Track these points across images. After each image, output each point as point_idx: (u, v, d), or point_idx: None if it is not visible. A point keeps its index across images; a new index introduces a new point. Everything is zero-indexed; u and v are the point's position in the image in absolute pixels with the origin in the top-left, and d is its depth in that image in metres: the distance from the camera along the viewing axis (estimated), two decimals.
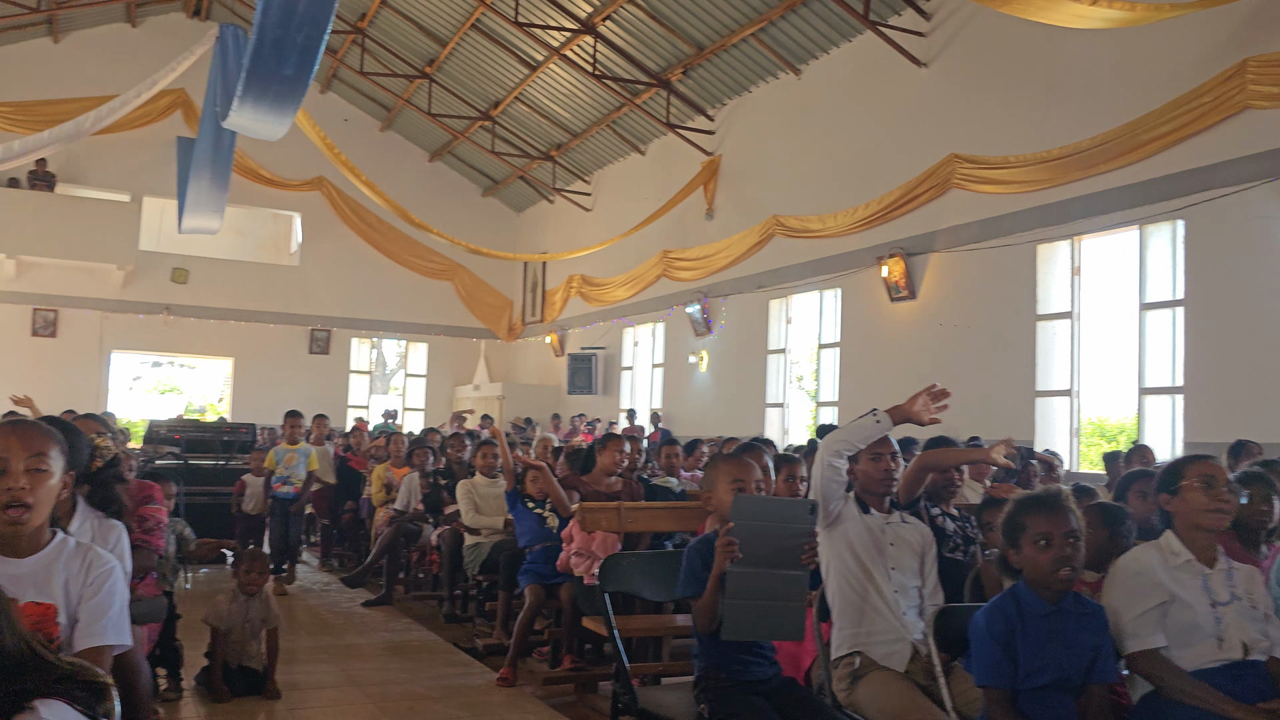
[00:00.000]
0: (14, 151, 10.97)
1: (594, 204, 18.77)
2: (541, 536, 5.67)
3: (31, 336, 17.85)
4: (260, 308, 19.51)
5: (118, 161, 17.85)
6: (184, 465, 9.33)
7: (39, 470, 2.25)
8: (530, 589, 5.48)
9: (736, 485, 2.96)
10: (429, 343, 21.62)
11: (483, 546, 6.46)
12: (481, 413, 18.80)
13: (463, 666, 5.73)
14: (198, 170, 11.73)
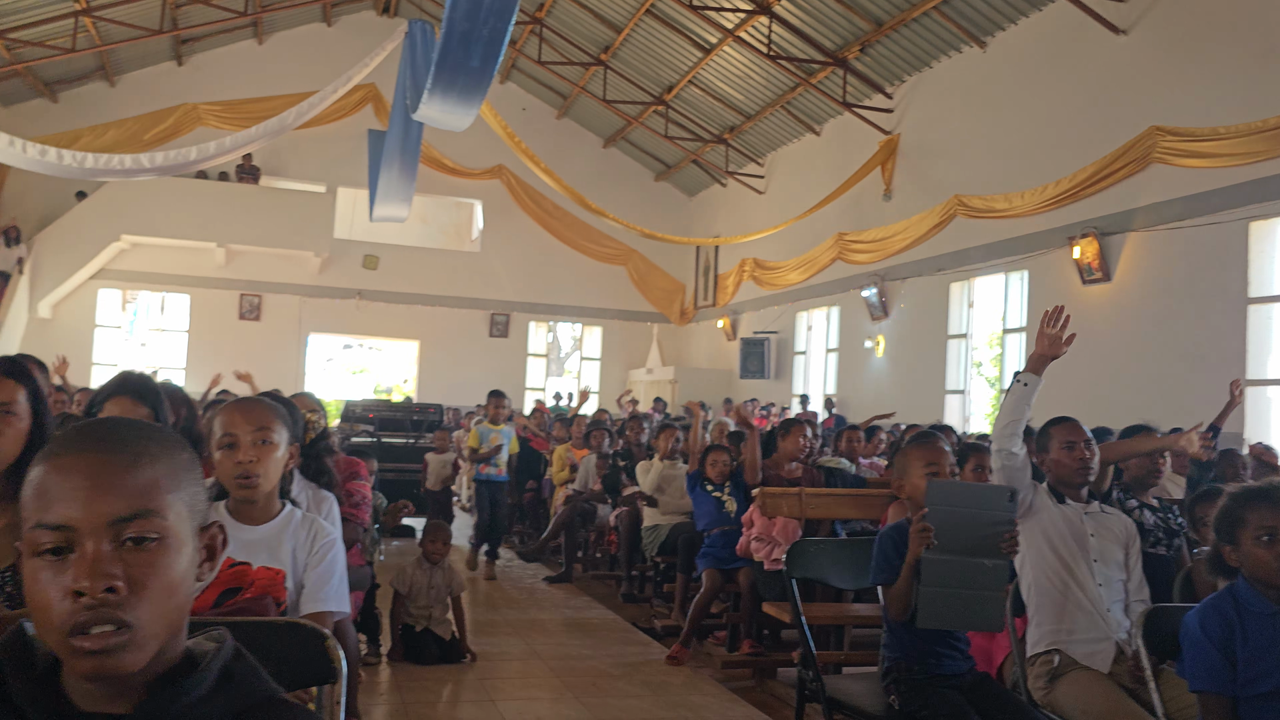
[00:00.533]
0: (225, 147, 11.77)
1: (767, 186, 18.62)
2: (720, 520, 5.68)
3: (239, 320, 19.16)
4: (444, 292, 20.29)
5: (315, 154, 18.89)
6: (377, 443, 9.82)
7: (266, 443, 2.41)
8: (708, 573, 5.51)
9: (930, 470, 2.89)
10: (603, 326, 21.99)
11: (661, 528, 6.53)
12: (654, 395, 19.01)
13: (641, 646, 5.82)
14: (388, 161, 12.28)
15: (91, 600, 0.98)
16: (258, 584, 2.43)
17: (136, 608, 1.00)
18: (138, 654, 1.01)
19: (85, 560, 0.99)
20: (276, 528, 2.48)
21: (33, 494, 1.03)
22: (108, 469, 1.02)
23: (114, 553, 1.01)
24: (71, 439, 1.05)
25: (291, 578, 2.45)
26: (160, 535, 1.03)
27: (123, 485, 1.02)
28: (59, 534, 1.00)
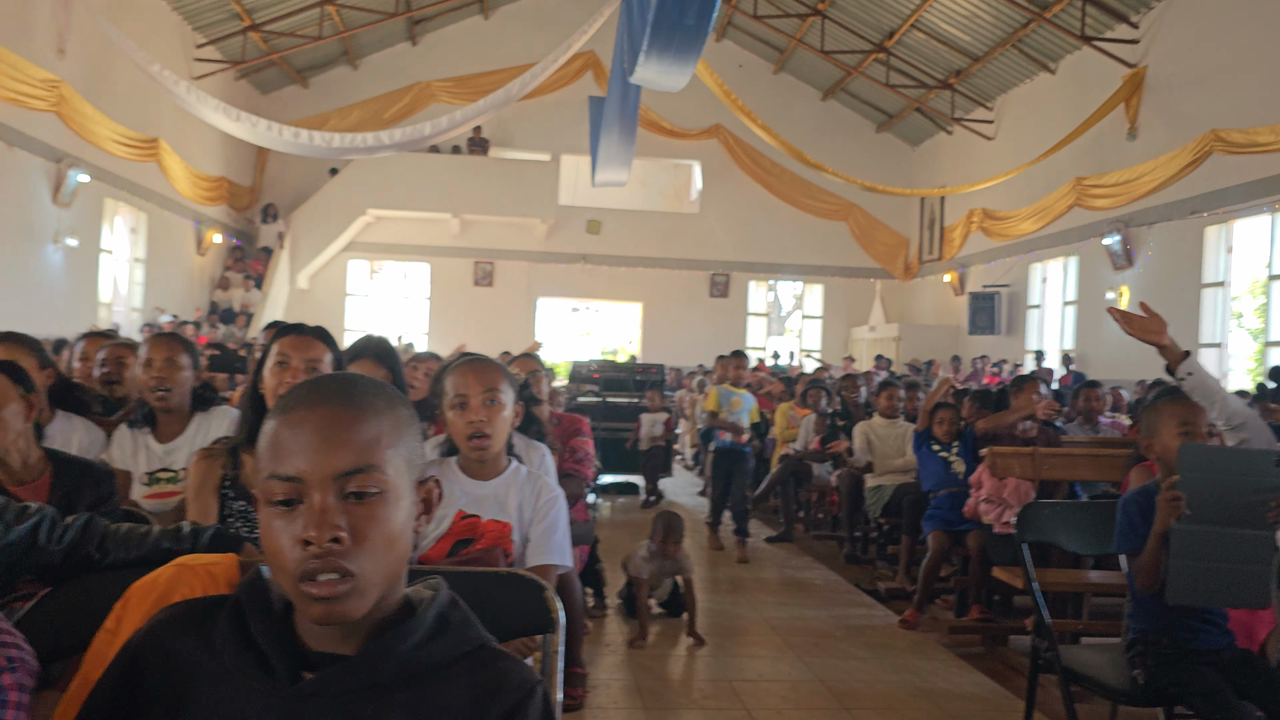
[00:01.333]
0: (455, 121, 12.33)
1: (997, 132, 17.65)
2: (947, 481, 5.47)
3: (473, 286, 20.14)
4: (664, 254, 20.52)
5: (539, 123, 19.48)
6: (602, 402, 10.08)
7: (494, 403, 2.51)
8: (934, 536, 5.33)
9: (1184, 431, 2.65)
10: (824, 284, 21.62)
11: (884, 489, 6.38)
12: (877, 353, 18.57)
13: (865, 608, 5.72)
14: (607, 126, 12.49)
15: (318, 549, 1.04)
16: (487, 536, 2.55)
17: (359, 558, 1.05)
18: (360, 601, 1.06)
19: (313, 511, 1.05)
20: (504, 483, 2.58)
21: (267, 445, 1.09)
22: (335, 424, 1.07)
23: (339, 504, 1.05)
24: (303, 395, 1.11)
25: (518, 531, 2.55)
26: (380, 489, 1.08)
27: (348, 440, 1.07)
28: (290, 485, 1.06)
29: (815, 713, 3.84)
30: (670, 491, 10.65)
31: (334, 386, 1.11)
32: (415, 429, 1.16)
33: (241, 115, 11.58)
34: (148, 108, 13.75)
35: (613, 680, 4.17)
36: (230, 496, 2.51)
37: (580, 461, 4.20)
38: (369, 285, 20.51)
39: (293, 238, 18.55)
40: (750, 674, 4.32)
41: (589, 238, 20.37)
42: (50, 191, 11.87)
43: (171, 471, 3.28)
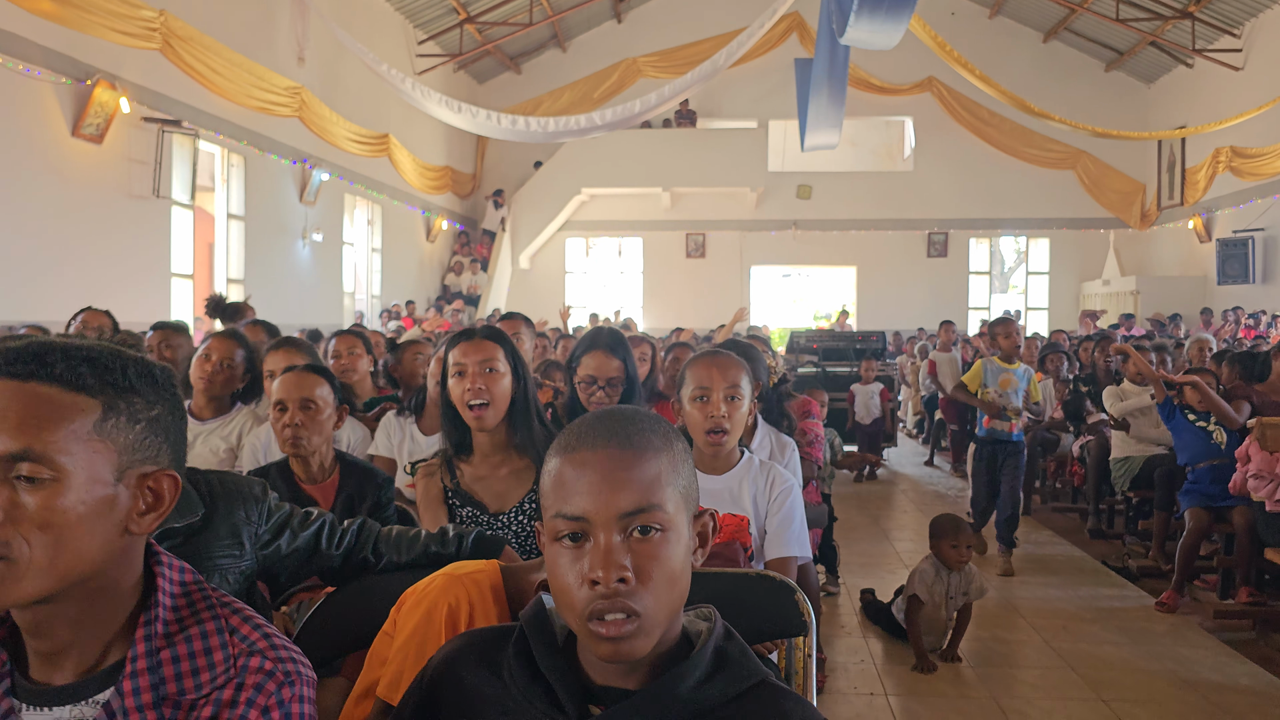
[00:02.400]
0: (664, 96, 12.41)
1: (1246, 61, 16.06)
2: (1207, 454, 5.09)
3: (685, 259, 20.31)
4: (878, 216, 19.96)
5: (745, 91, 19.32)
6: (822, 373, 9.97)
7: (734, 399, 2.52)
8: (1192, 512, 4.98)
9: None
10: (1050, 237, 20.43)
11: (1134, 461, 6.00)
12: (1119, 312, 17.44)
13: (1115, 588, 5.42)
14: (816, 89, 12.26)
15: (606, 589, 1.06)
16: (725, 530, 2.57)
17: (644, 596, 1.07)
18: (646, 640, 1.09)
19: (599, 551, 1.07)
20: (737, 475, 2.60)
21: (552, 484, 1.14)
22: (618, 465, 1.10)
23: (624, 544, 1.08)
24: (585, 434, 1.14)
25: (754, 524, 2.56)
26: (663, 527, 1.10)
27: (631, 480, 1.09)
28: (576, 524, 1.09)
29: (1069, 703, 3.68)
30: (895, 462, 10.44)
31: (615, 426, 1.14)
32: (690, 462, 1.18)
33: (462, 107, 12.10)
34: (377, 105, 14.60)
35: (850, 663, 4.14)
36: (456, 505, 2.58)
37: (811, 444, 4.17)
38: (585, 263, 21.04)
39: (513, 220, 19.28)
40: (996, 659, 4.19)
41: (800, 203, 20.09)
42: (297, 191, 12.83)
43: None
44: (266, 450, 3.40)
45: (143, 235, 9.69)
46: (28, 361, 1.03)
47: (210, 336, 3.79)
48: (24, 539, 0.99)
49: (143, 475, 1.08)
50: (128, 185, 9.43)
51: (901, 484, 9.28)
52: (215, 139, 10.92)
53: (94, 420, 1.04)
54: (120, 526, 1.06)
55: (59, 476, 1.00)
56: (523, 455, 2.58)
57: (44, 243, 8.31)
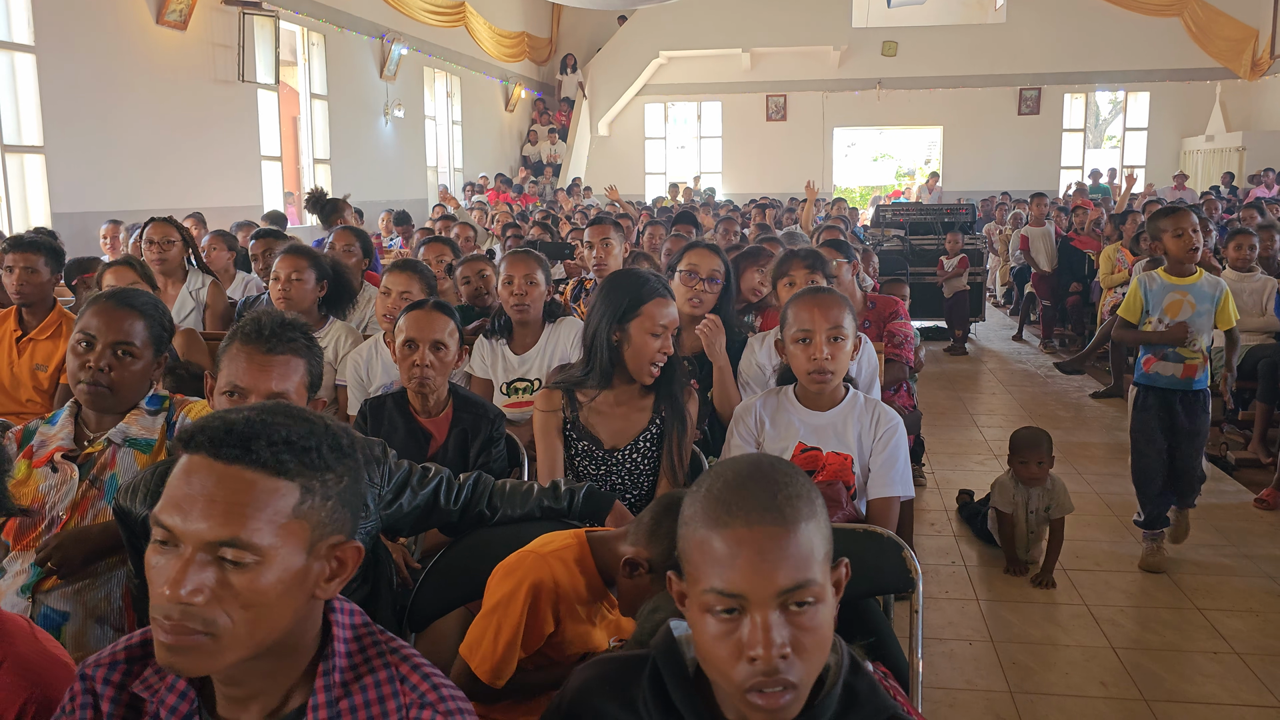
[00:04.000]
0: None
1: None
2: None
3: (766, 122, 19.83)
4: (966, 72, 19.12)
5: None
6: (909, 248, 9.80)
7: (837, 339, 2.54)
8: None
9: None
10: (1150, 90, 19.39)
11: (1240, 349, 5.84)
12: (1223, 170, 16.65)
13: (1212, 480, 5.33)
14: None
15: (766, 666, 1.09)
16: (829, 468, 2.63)
17: (799, 667, 1.11)
18: (799, 704, 1.13)
19: (758, 630, 1.09)
20: (842, 413, 2.63)
21: (701, 556, 1.14)
22: (775, 542, 1.11)
23: (781, 619, 1.10)
24: (737, 504, 1.13)
25: (858, 462, 2.61)
26: (816, 599, 1.12)
27: (788, 558, 1.10)
28: (732, 600, 1.11)
29: (1162, 612, 3.73)
30: (982, 336, 10.33)
31: (767, 496, 1.13)
32: (827, 514, 1.19)
33: None
34: None
35: (941, 566, 4.23)
36: (573, 438, 2.65)
37: (900, 346, 4.15)
38: (665, 128, 20.68)
39: (591, 86, 18.96)
40: (1087, 561, 4.24)
41: (885, 61, 19.31)
42: (377, 67, 12.77)
43: (528, 381, 3.59)
44: (368, 369, 3.50)
45: (230, 119, 9.80)
46: (234, 445, 1.09)
47: (278, 254, 3.83)
48: (228, 615, 1.07)
49: (331, 546, 1.15)
50: (212, 70, 9.49)
51: (989, 361, 9.20)
52: (295, 18, 10.85)
53: (293, 503, 1.10)
54: (309, 593, 1.14)
55: (261, 560, 1.08)
56: (645, 394, 2.65)
57: (136, 133, 8.47)
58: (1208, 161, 17.91)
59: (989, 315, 11.13)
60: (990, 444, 6.16)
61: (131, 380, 2.28)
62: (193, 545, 1.07)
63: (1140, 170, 19.65)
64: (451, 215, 9.02)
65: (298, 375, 2.04)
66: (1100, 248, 8.83)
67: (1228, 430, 6.24)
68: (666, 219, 8.60)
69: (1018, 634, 3.59)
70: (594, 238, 4.62)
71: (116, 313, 2.28)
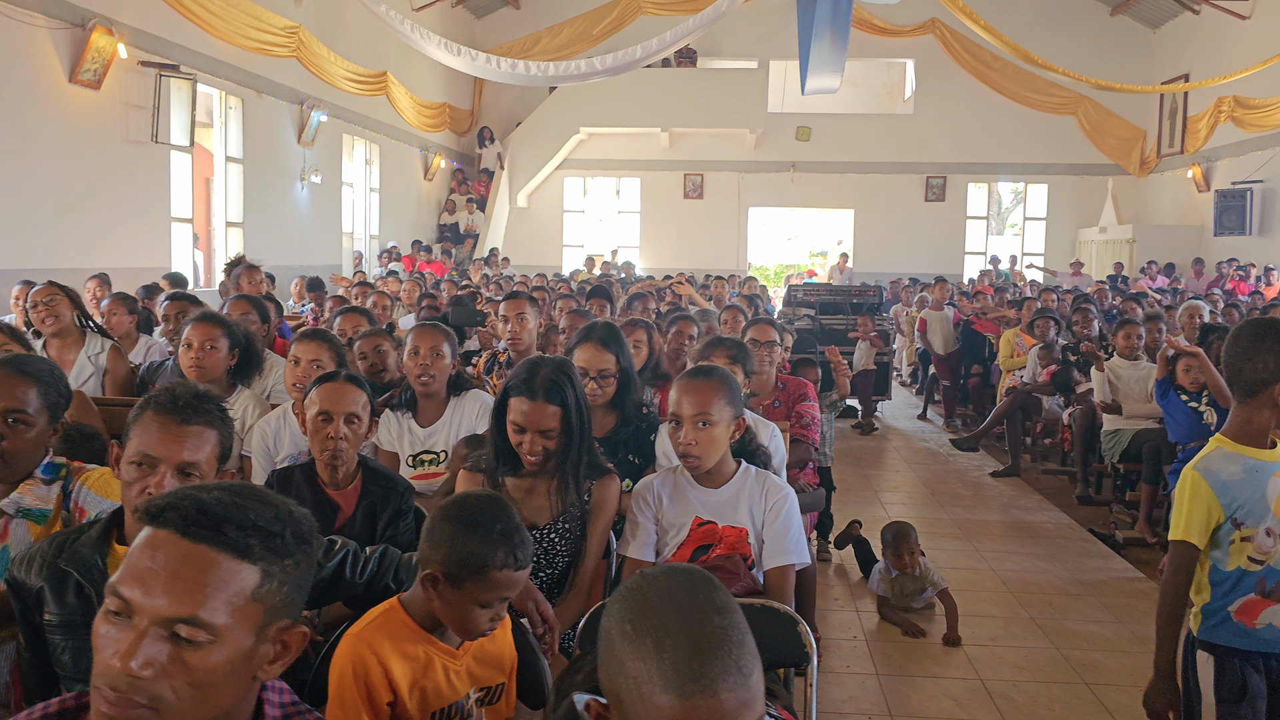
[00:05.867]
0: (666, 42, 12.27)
1: (1253, 10, 15.89)
2: (1198, 433, 5.19)
3: (683, 199, 20.26)
4: (876, 159, 19.87)
5: (746, 30, 19.06)
6: (819, 327, 10.05)
7: (705, 425, 2.57)
8: None
9: None
10: (1048, 182, 20.38)
11: (1123, 434, 6.13)
12: (1114, 259, 17.48)
13: (1101, 559, 5.59)
14: (818, 30, 12.12)
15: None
16: (725, 541, 2.70)
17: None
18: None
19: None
20: (734, 487, 2.70)
21: (638, 703, 1.13)
22: (739, 705, 1.12)
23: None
24: (700, 673, 1.11)
25: (753, 533, 2.67)
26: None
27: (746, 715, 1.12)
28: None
29: (1054, 687, 3.84)
30: (889, 415, 10.59)
31: (727, 660, 1.13)
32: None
33: (461, 50, 11.93)
34: (375, 43, 14.41)
35: (842, 640, 4.30)
36: None
37: (807, 427, 4.26)
38: (583, 202, 20.95)
39: (511, 158, 19.16)
40: (983, 638, 4.35)
41: (799, 145, 19.97)
42: (295, 132, 12.74)
43: (434, 453, 3.59)
44: (276, 439, 3.46)
45: (142, 180, 9.66)
46: (205, 526, 1.11)
47: (189, 320, 3.80)
48: (174, 691, 1.08)
49: (280, 629, 1.17)
50: (125, 130, 9.38)
51: (894, 439, 9.44)
52: (213, 81, 10.81)
53: (252, 586, 1.13)
54: (252, 674, 1.16)
55: (215, 639, 1.10)
56: (558, 474, 2.67)
57: (45, 190, 8.30)
58: (1101, 251, 18.81)
59: (895, 394, 11.43)
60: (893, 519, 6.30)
61: (25, 449, 2.23)
62: (149, 619, 1.08)
63: (1040, 257, 20.55)
64: (369, 283, 8.99)
65: (210, 446, 2.03)
66: (1000, 331, 9.19)
67: (1117, 510, 6.51)
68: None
69: (915, 709, 3.66)
70: (509, 312, 4.65)
71: (9, 380, 2.25)
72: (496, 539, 1.87)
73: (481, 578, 1.85)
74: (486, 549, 1.86)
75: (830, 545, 5.58)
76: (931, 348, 10.24)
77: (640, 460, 3.37)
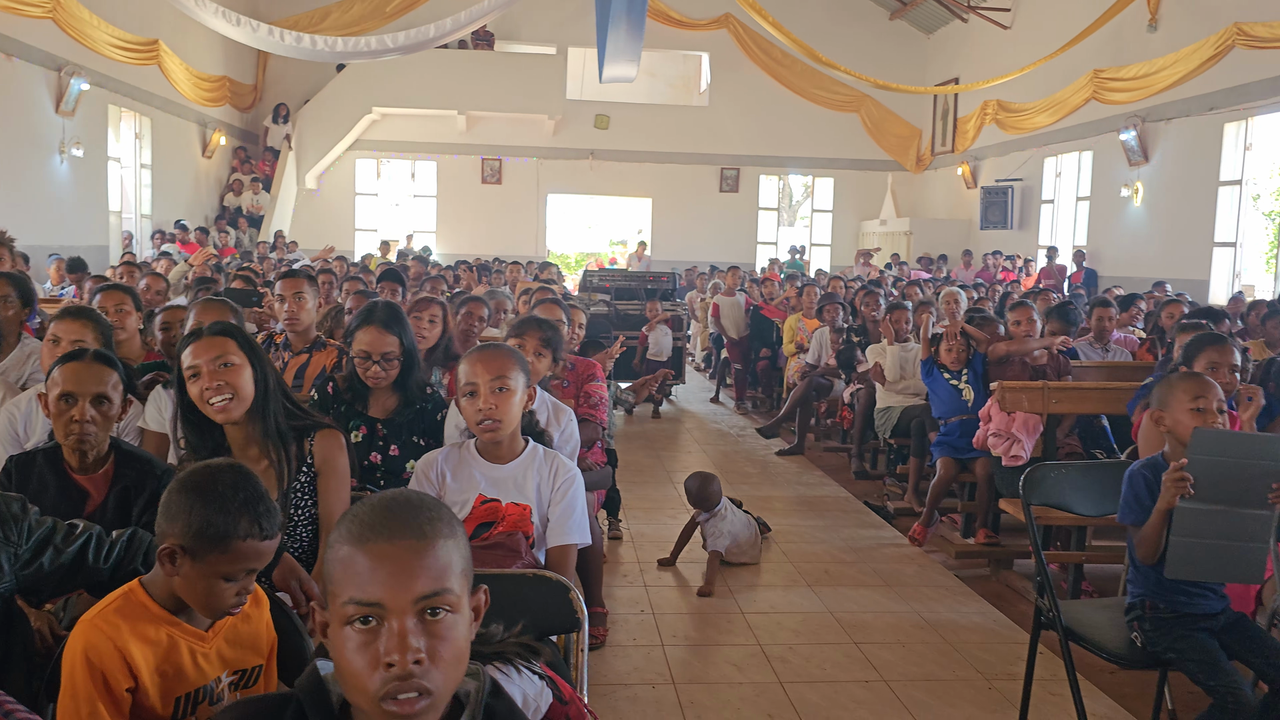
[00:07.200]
0: (461, 22, 12.06)
1: (1014, 21, 17.16)
2: (957, 409, 5.56)
3: (481, 184, 20.01)
4: (674, 149, 20.26)
5: (544, 16, 18.97)
6: (614, 312, 10.14)
7: (503, 390, 2.58)
8: (943, 462, 5.45)
9: (1196, 407, 2.72)
10: (835, 177, 21.37)
11: (893, 411, 6.47)
12: (891, 250, 18.48)
13: (874, 529, 5.88)
14: (615, 18, 12.20)
15: (401, 671, 1.13)
16: (508, 519, 2.66)
17: (435, 675, 1.15)
18: (434, 714, 1.17)
19: (394, 635, 1.13)
20: (522, 465, 2.68)
21: (343, 572, 1.17)
22: (414, 554, 1.16)
23: (418, 626, 1.15)
24: (379, 525, 1.18)
25: (537, 512, 2.65)
26: (452, 608, 1.17)
27: (426, 568, 1.16)
28: (370, 609, 1.14)
29: (826, 647, 4.01)
30: (683, 399, 10.80)
31: (406, 518, 1.18)
32: (467, 542, 1.25)
33: (242, 20, 11.33)
34: (145, 9, 13.45)
35: (630, 615, 4.34)
36: None
37: (595, 407, 4.28)
38: (377, 185, 20.34)
39: (299, 137, 18.35)
40: (764, 606, 4.49)
41: (598, 133, 20.10)
42: (53, 101, 11.73)
43: None
44: (27, 423, 3.18)
45: None
46: None
47: None
48: None
49: None
50: None
51: (688, 421, 9.64)
52: None
53: None
54: None
55: None
56: (267, 454, 2.55)
57: None
58: (882, 243, 19.87)
59: (690, 378, 11.69)
60: (683, 500, 6.42)
61: None
62: None
63: (827, 248, 21.51)
64: (137, 264, 8.38)
65: None
66: (786, 317, 9.54)
67: (889, 483, 6.88)
68: None
69: (697, 675, 3.74)
70: (285, 291, 4.45)
71: None
72: (239, 507, 1.76)
73: (224, 549, 1.74)
74: (228, 518, 1.75)
75: (620, 523, 5.63)
76: (725, 332, 10.52)
77: (426, 442, 3.30)
